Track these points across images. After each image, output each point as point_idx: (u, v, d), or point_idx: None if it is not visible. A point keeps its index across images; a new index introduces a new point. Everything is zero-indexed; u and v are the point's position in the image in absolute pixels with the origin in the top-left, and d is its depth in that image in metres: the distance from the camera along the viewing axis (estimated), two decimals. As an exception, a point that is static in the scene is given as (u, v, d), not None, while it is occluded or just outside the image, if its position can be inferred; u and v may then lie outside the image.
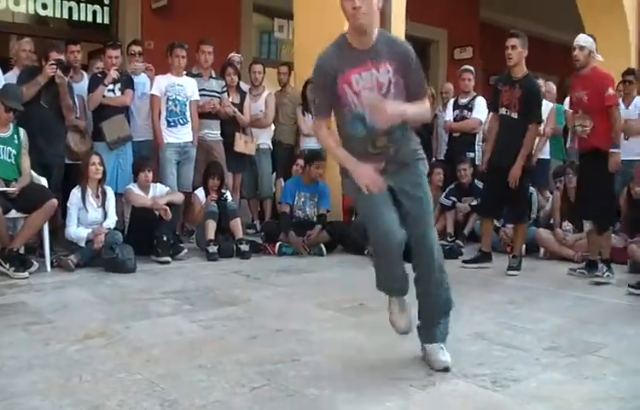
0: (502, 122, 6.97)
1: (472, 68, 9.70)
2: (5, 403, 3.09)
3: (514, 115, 6.80)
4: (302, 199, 8.03)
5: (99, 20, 10.81)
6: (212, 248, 7.19)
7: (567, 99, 9.22)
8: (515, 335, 4.45)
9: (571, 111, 7.34)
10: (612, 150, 6.47)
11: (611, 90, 6.45)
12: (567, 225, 7.94)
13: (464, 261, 7.33)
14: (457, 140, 9.29)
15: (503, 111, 6.93)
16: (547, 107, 9.56)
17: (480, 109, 9.16)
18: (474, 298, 5.64)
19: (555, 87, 10.00)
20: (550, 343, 4.28)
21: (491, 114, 7.60)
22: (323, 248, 7.77)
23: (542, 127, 9.15)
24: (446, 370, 3.61)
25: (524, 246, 7.84)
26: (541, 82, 8.50)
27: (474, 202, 8.35)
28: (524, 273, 6.84)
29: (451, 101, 9.65)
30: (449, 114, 9.49)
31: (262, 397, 3.20)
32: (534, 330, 4.60)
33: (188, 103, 8.01)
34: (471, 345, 4.20)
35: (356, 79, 3.48)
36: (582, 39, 6.56)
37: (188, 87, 8.05)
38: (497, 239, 7.95)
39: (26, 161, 6.60)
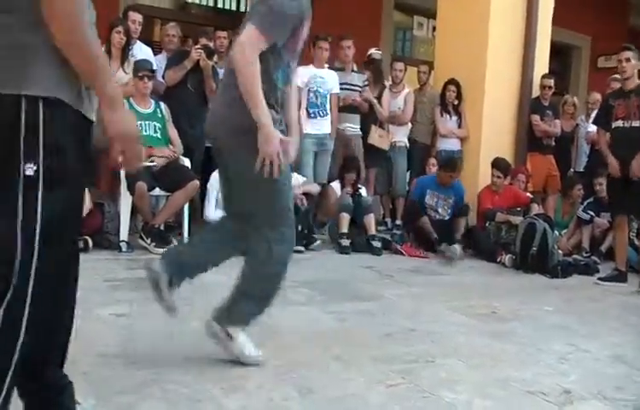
0: (618, 135, 6.87)
1: (621, 78, 9.32)
2: (150, 372, 3.23)
3: (636, 123, 6.69)
4: (435, 199, 7.99)
5: (242, 9, 11.07)
6: (345, 242, 7.25)
7: None
8: (661, 363, 4.25)
9: None
10: None
11: None
12: None
13: (599, 278, 7.07)
14: (600, 153, 8.95)
15: (619, 124, 6.84)
16: None
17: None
18: (612, 318, 5.44)
19: None
20: None
21: (598, 130, 7.48)
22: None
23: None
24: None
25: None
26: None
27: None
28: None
29: (595, 111, 9.31)
30: (592, 126, 9.17)
31: (398, 395, 3.20)
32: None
33: (328, 96, 8.08)
34: (610, 367, 4.03)
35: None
36: None
37: (329, 80, 8.12)
38: (637, 259, 7.62)
39: (173, 132, 6.90)
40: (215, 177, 7.01)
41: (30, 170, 1.85)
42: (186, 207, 6.73)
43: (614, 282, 6.89)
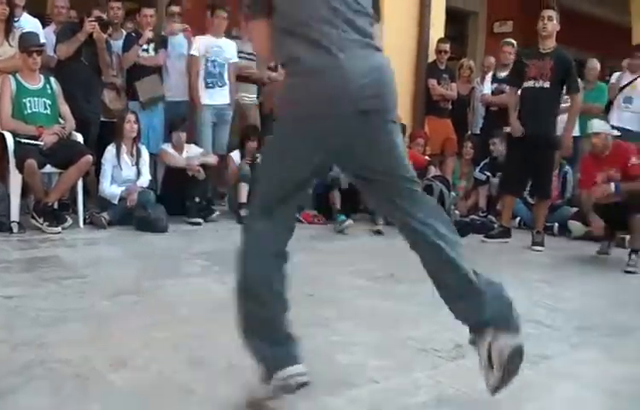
0: (528, 95, 6.99)
1: (513, 42, 9.56)
2: (37, 352, 3.13)
3: (546, 85, 6.84)
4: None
5: (138, -21, 10.80)
6: (244, 212, 7.17)
7: (615, 74, 9.17)
8: (547, 313, 4.40)
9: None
10: None
11: (634, 159, 6.41)
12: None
13: (485, 236, 7.29)
14: (494, 114, 9.17)
15: (530, 84, 6.95)
16: None
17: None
18: (505, 275, 5.53)
19: (598, 64, 9.77)
20: (583, 323, 4.22)
21: (509, 88, 7.58)
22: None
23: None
24: None
25: (556, 225, 7.80)
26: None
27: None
28: (557, 252, 6.76)
29: (490, 74, 9.53)
30: (487, 88, 9.37)
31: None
32: (566, 309, 4.56)
33: (226, 65, 7.97)
34: (502, 321, 4.15)
35: None
36: (596, 125, 6.61)
37: (227, 49, 8.01)
38: (529, 216, 7.84)
39: (64, 108, 6.68)
40: (111, 151, 6.85)
41: None
42: (80, 183, 6.53)
43: (499, 238, 7.14)
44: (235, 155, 7.75)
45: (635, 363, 3.56)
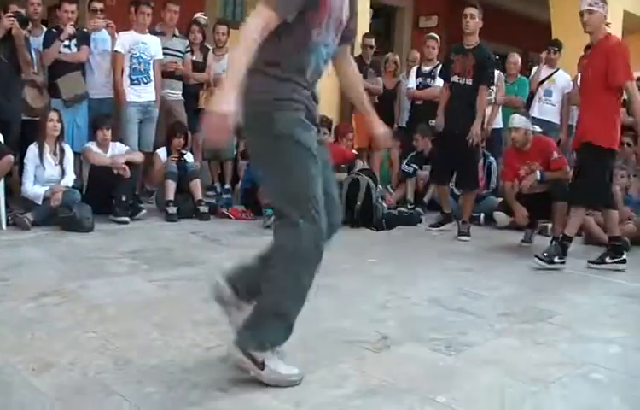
0: (454, 90, 7.21)
1: (437, 36, 9.68)
2: (-45, 360, 3.05)
3: (469, 82, 7.07)
4: None
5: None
6: (172, 209, 7.13)
7: (535, 68, 9.46)
8: (471, 301, 4.51)
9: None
10: None
11: (555, 154, 6.73)
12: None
13: (430, 225, 7.56)
14: (420, 108, 9.29)
15: (455, 79, 7.18)
16: (496, 75, 9.53)
17: (444, 77, 9.21)
18: (431, 265, 5.70)
19: (519, 59, 10.00)
20: (505, 310, 4.35)
21: (443, 82, 7.72)
22: None
23: (492, 96, 9.14)
24: None
25: (482, 215, 7.96)
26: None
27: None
28: (483, 242, 6.91)
29: (414, 68, 9.62)
30: (412, 82, 9.48)
31: (217, 358, 3.19)
32: (489, 296, 4.68)
33: (151, 62, 7.88)
34: (426, 310, 4.25)
35: None
36: (516, 121, 6.84)
37: (152, 45, 7.90)
38: (456, 207, 7.98)
39: None
40: (33, 151, 6.71)
41: None
42: (1, 184, 6.37)
43: (443, 225, 7.43)
44: (162, 153, 7.67)
45: (550, 347, 3.68)
